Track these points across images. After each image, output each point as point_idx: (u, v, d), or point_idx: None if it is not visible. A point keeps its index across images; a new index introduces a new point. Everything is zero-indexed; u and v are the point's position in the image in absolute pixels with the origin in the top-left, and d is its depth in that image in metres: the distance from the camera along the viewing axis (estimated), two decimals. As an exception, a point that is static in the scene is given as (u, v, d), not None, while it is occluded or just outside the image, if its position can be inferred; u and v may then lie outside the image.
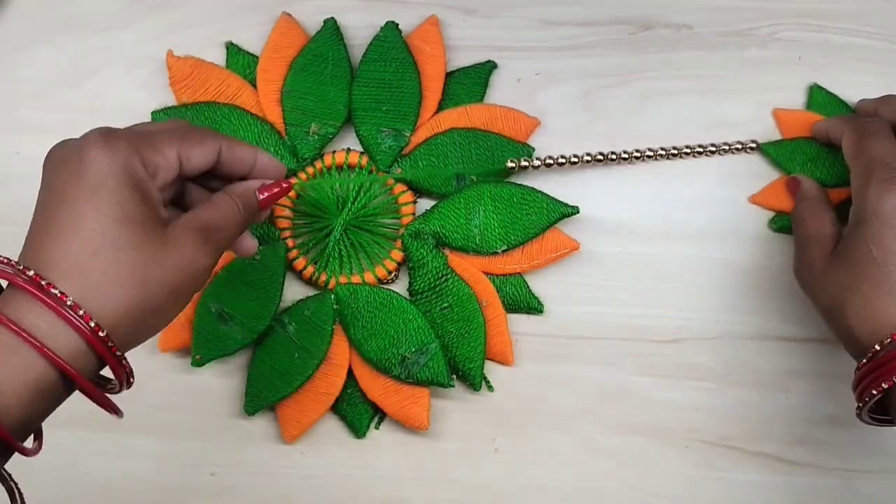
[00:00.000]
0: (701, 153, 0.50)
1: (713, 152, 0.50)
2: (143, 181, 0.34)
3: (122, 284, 0.32)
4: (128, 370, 0.34)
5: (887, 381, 0.38)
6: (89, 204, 0.33)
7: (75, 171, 0.33)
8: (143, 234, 0.33)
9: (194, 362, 0.48)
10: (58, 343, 0.32)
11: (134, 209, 0.33)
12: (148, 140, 0.35)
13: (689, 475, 0.49)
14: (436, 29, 0.51)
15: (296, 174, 0.50)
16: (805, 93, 0.51)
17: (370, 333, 0.48)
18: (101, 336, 0.32)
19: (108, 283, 0.32)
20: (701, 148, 0.50)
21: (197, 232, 0.35)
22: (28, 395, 0.31)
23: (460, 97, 0.51)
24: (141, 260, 0.33)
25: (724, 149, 0.50)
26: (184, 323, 0.48)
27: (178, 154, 0.36)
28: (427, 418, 0.48)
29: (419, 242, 0.49)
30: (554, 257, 0.49)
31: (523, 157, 0.50)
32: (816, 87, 0.51)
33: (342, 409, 0.49)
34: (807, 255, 0.44)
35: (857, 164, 0.43)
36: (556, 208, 0.49)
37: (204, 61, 0.51)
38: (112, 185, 0.33)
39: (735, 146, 0.50)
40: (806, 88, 0.51)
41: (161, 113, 0.50)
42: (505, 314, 0.49)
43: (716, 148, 0.50)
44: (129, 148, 0.34)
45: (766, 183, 0.50)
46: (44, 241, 0.33)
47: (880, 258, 0.40)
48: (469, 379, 0.48)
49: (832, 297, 0.42)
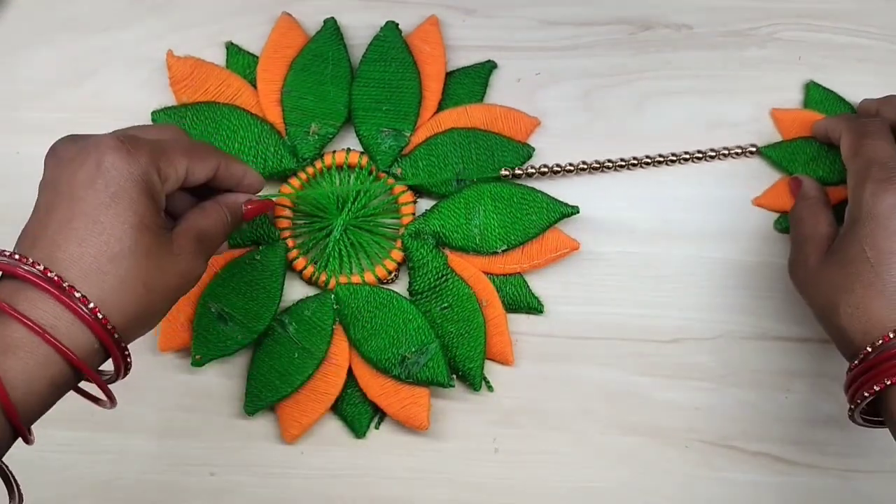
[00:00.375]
0: (700, 158, 0.50)
1: (713, 157, 0.50)
2: (157, 189, 0.36)
3: (133, 289, 0.34)
4: (128, 363, 0.36)
5: (879, 384, 0.38)
6: (109, 210, 0.34)
7: (92, 174, 0.34)
8: (155, 241, 0.35)
9: (194, 362, 0.48)
10: (75, 342, 0.33)
11: (149, 217, 0.35)
12: (164, 152, 0.36)
13: (689, 475, 0.49)
14: (436, 29, 0.51)
15: (296, 174, 0.50)
16: (802, 90, 0.51)
17: (370, 333, 0.48)
18: (116, 338, 0.34)
19: (122, 287, 0.34)
20: (700, 153, 0.50)
21: (195, 240, 0.37)
22: (45, 391, 0.33)
23: (460, 97, 0.51)
24: (151, 266, 0.35)
25: (724, 153, 0.50)
26: (184, 323, 0.48)
27: (187, 167, 0.37)
28: (427, 418, 0.48)
29: (419, 242, 0.49)
30: (554, 257, 0.49)
31: (517, 166, 0.50)
32: (813, 84, 0.51)
33: (342, 409, 0.49)
34: (802, 254, 0.44)
35: (853, 164, 0.43)
36: (556, 208, 0.49)
37: (204, 61, 0.51)
38: (133, 192, 0.34)
39: (735, 150, 0.50)
40: (802, 86, 0.51)
41: (161, 113, 0.50)
42: (505, 314, 0.49)
43: (715, 153, 0.50)
44: (150, 158, 0.35)
45: (766, 184, 0.50)
46: (59, 242, 0.34)
47: (874, 258, 0.39)
48: (469, 379, 0.48)
49: (825, 296, 0.41)
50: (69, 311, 0.33)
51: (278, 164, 0.50)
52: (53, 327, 0.33)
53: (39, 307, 0.33)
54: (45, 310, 0.33)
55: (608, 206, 0.51)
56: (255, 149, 0.50)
